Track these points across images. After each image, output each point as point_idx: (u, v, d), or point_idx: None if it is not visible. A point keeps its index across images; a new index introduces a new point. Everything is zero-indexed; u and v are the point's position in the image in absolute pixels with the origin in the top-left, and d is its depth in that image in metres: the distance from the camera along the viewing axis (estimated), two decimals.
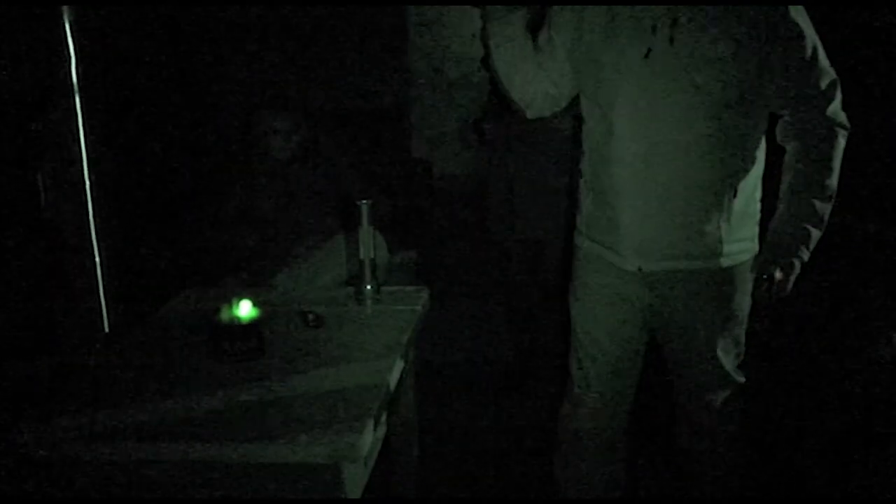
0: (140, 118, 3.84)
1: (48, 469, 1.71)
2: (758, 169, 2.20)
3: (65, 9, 2.91)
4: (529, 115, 2.40)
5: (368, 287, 2.46)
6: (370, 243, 2.42)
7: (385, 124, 5.07)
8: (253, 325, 2.06)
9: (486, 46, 2.27)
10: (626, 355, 2.39)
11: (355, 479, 1.76)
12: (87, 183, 2.99)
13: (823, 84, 2.08)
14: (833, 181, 2.13)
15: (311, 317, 2.31)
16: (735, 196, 2.13)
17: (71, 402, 1.85)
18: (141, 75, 3.91)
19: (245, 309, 2.04)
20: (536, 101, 2.33)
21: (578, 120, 3.37)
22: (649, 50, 2.04)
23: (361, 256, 2.44)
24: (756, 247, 2.26)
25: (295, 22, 5.18)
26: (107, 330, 2.93)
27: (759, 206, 2.26)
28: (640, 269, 2.22)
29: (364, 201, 2.42)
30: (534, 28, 2.26)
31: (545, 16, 2.28)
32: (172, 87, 4.27)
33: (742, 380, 2.37)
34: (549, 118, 3.27)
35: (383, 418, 2.29)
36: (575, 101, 2.36)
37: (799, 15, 2.04)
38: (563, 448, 2.53)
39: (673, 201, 2.13)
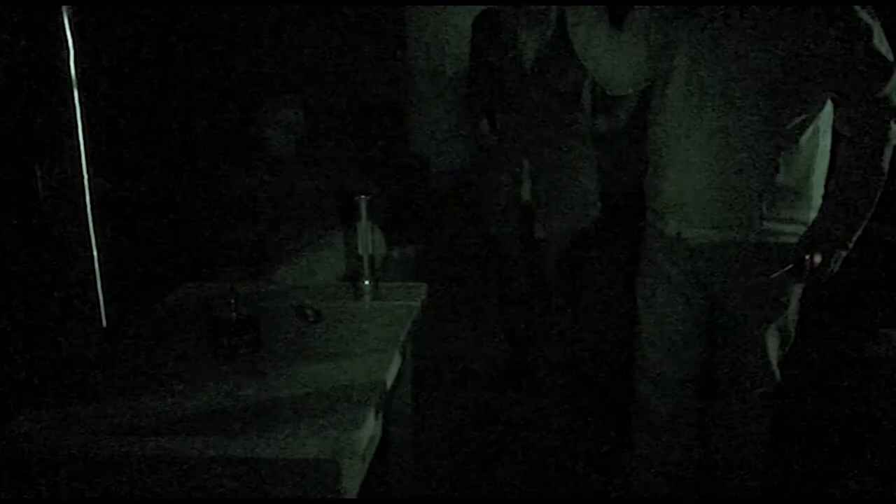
0: (139, 113, 3.83)
1: (46, 465, 1.71)
2: (812, 151, 2.19)
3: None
4: (610, 92, 2.50)
5: (367, 283, 2.46)
6: (369, 239, 2.42)
7: (384, 120, 5.07)
8: (251, 320, 2.06)
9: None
10: (687, 328, 2.40)
11: (353, 475, 1.77)
12: (86, 177, 2.99)
13: (876, 67, 2.08)
14: (883, 167, 2.13)
15: (309, 312, 2.32)
16: (778, 171, 2.15)
17: (69, 398, 1.85)
18: (140, 70, 3.90)
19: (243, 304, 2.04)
20: (614, 79, 2.41)
21: (595, 118, 3.40)
22: (706, 25, 2.14)
23: (360, 252, 2.44)
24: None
25: (294, 17, 5.19)
26: (104, 324, 2.93)
27: (818, 191, 2.25)
28: (679, 235, 2.28)
29: (363, 196, 2.42)
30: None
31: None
32: (172, 82, 4.26)
33: (779, 377, 2.37)
34: (565, 115, 3.30)
35: (381, 414, 2.29)
36: None
37: None
38: (639, 429, 2.56)
39: (715, 165, 2.17)
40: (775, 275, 2.18)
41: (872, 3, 2.06)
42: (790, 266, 2.16)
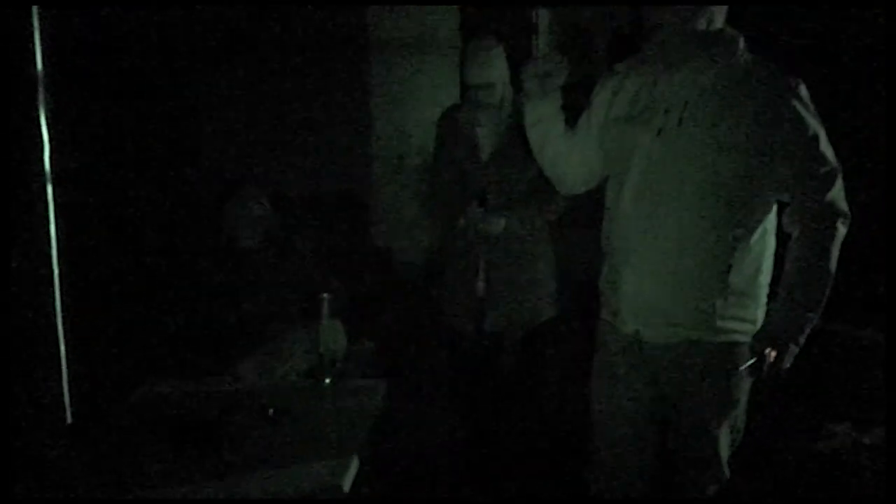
0: (107, 204, 3.91)
1: None
2: (760, 252, 2.31)
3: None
4: (562, 191, 2.64)
5: (327, 381, 2.53)
6: (329, 338, 2.50)
7: (348, 210, 5.17)
8: (212, 423, 2.12)
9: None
10: (639, 426, 2.47)
11: None
12: (56, 270, 3.05)
13: (823, 171, 2.20)
14: (831, 268, 2.22)
15: (271, 411, 2.38)
16: (729, 272, 2.25)
17: (32, 497, 1.89)
18: (111, 172, 3.98)
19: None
20: (567, 178, 2.54)
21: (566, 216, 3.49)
22: (661, 129, 2.24)
23: (321, 350, 2.52)
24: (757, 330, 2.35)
25: (260, 104, 5.32)
26: (70, 420, 2.96)
27: (764, 290, 2.35)
28: (637, 333, 2.35)
29: (325, 295, 2.50)
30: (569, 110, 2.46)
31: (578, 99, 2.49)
32: (140, 175, 4.34)
33: (728, 476, 2.43)
34: (521, 209, 3.39)
35: None
36: None
37: (802, 103, 2.19)
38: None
39: (670, 266, 2.26)
40: (742, 368, 2.28)
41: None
42: (752, 361, 2.25)
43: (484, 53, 3.33)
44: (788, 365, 2.26)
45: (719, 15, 2.23)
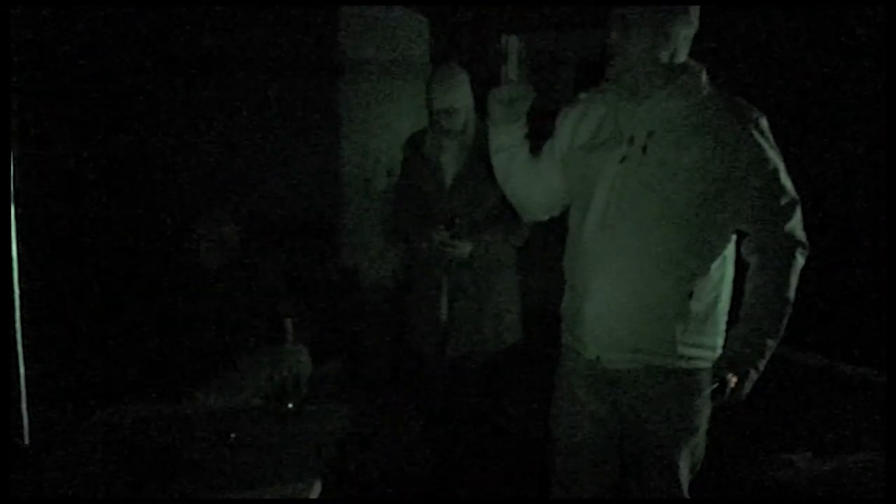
0: (70, 228, 3.88)
1: None
2: (719, 280, 2.34)
3: None
4: (525, 218, 2.66)
5: (290, 405, 2.53)
6: (293, 361, 2.50)
7: (316, 233, 5.17)
8: (171, 448, 2.11)
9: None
10: (600, 451, 2.49)
11: None
12: (17, 290, 3.02)
13: (782, 202, 2.25)
14: (789, 296, 2.26)
15: (232, 436, 2.37)
16: (690, 298, 2.28)
17: None
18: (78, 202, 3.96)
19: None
20: (531, 205, 2.56)
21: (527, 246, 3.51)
22: (624, 157, 2.27)
23: (284, 374, 2.51)
24: (717, 356, 2.37)
25: (228, 124, 5.31)
26: (27, 442, 2.92)
27: (723, 317, 2.38)
28: (598, 359, 2.37)
29: (289, 318, 2.50)
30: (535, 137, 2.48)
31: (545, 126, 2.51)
32: (105, 195, 4.32)
33: (688, 500, 2.45)
34: (484, 235, 3.42)
35: None
36: None
37: (763, 135, 2.23)
38: None
39: (631, 293, 2.29)
40: (704, 393, 2.31)
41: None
42: (713, 387, 2.28)
43: (448, 79, 3.37)
44: (748, 391, 2.29)
45: (683, 48, 2.27)
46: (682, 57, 2.27)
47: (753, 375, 2.27)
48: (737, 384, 2.25)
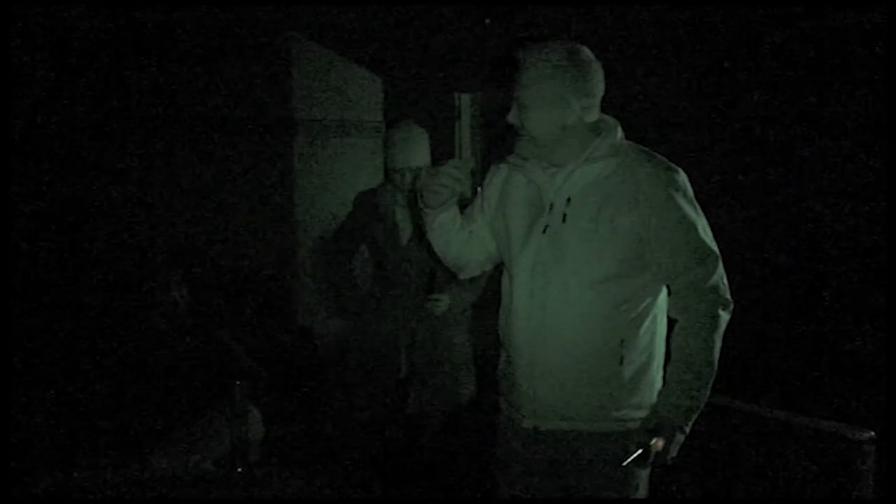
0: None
1: None
2: (650, 340, 2.34)
3: None
4: (460, 275, 2.63)
5: (240, 469, 2.50)
6: (243, 425, 2.47)
7: (273, 291, 5.16)
8: None
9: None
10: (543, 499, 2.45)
11: None
12: None
13: (703, 259, 2.24)
14: (713, 358, 2.26)
15: None
16: (622, 363, 2.28)
17: None
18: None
19: None
20: (469, 266, 2.55)
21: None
22: (546, 227, 2.28)
23: (233, 439, 2.49)
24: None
25: (178, 182, 5.32)
26: None
27: (658, 373, 2.38)
28: (535, 429, 2.36)
29: (238, 382, 2.48)
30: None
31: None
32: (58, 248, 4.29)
33: None
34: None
35: None
36: None
37: (680, 191, 2.24)
38: None
39: (562, 363, 2.28)
40: (626, 462, 2.31)
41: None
42: (638, 452, 2.29)
43: (408, 138, 3.41)
44: (675, 453, 2.29)
45: (590, 112, 2.25)
46: (593, 116, 2.27)
47: (680, 438, 2.28)
48: (663, 448, 2.26)
